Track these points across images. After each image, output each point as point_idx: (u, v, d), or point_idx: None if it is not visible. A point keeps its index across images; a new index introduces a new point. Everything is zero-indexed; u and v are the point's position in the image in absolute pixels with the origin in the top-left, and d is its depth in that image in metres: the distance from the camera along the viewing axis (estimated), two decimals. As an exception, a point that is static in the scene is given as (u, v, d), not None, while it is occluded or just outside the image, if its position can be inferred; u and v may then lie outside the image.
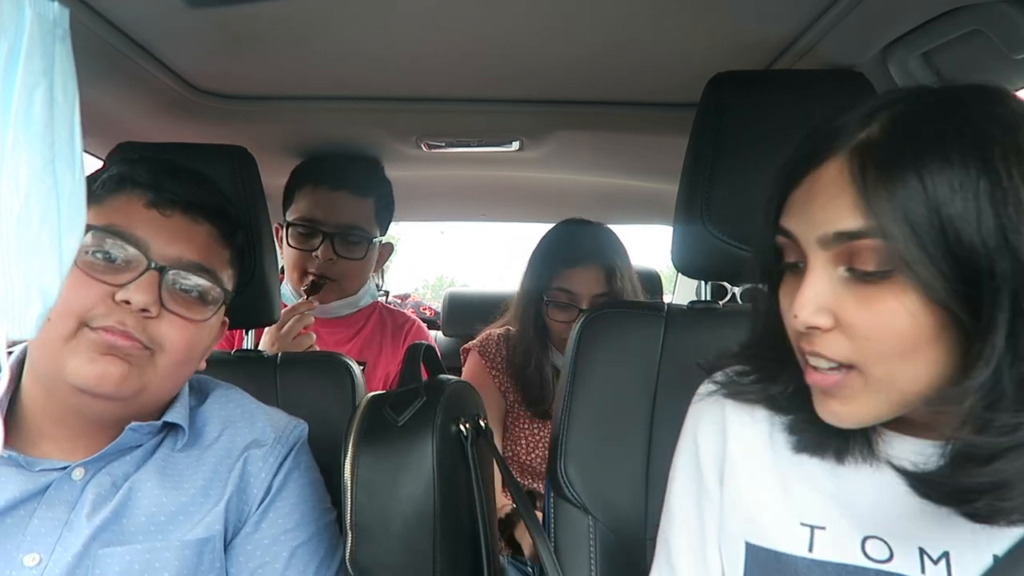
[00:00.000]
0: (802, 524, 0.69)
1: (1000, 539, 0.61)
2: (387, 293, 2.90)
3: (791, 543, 0.68)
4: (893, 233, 0.54)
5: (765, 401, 0.73)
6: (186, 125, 1.34)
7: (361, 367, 1.58)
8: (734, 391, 0.75)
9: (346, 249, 1.55)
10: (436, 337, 2.57)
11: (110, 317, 0.77)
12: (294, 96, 1.35)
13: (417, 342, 1.04)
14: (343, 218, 1.54)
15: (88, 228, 0.79)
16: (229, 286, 0.89)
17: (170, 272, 0.81)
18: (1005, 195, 0.53)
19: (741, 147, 0.93)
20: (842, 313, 0.59)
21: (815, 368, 0.62)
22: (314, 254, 1.53)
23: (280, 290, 1.18)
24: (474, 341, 1.76)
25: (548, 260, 1.63)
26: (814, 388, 0.64)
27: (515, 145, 1.59)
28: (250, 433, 0.89)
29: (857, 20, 0.93)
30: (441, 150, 1.62)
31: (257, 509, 0.85)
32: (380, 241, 1.65)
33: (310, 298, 1.49)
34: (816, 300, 0.59)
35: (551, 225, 1.71)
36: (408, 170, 1.73)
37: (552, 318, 1.60)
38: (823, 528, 0.68)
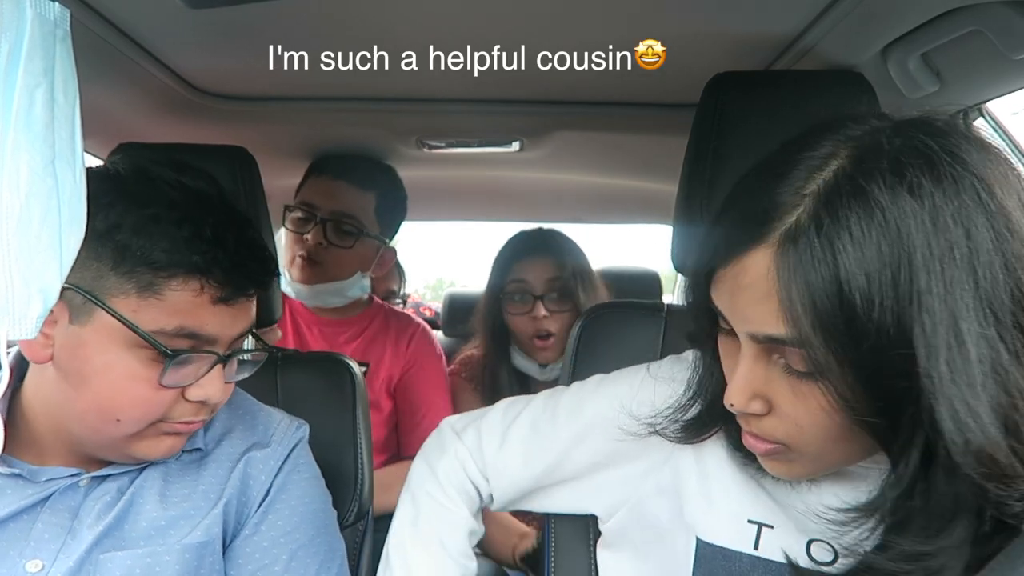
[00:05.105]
0: (749, 521, 0.70)
1: None
2: (405, 298, 2.88)
3: (737, 539, 0.70)
4: (815, 344, 0.51)
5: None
6: (186, 125, 1.34)
7: (364, 368, 1.59)
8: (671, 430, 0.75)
9: (336, 236, 1.55)
10: (437, 337, 2.57)
11: (186, 414, 0.79)
12: (294, 97, 1.35)
13: None
14: (338, 206, 1.55)
15: (157, 336, 0.74)
16: None
17: (233, 357, 0.83)
18: (931, 313, 0.48)
19: (741, 148, 0.93)
20: (777, 400, 0.58)
21: (752, 435, 0.62)
22: (305, 236, 1.54)
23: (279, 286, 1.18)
24: (454, 366, 1.75)
25: (500, 263, 1.65)
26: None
27: (515, 145, 1.59)
28: (251, 436, 0.89)
29: (857, 20, 0.92)
30: (441, 150, 1.62)
31: (257, 511, 0.84)
32: (384, 242, 1.64)
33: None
34: (750, 387, 0.58)
35: (550, 225, 1.70)
36: (408, 170, 1.72)
37: (510, 312, 1.60)
38: (771, 527, 0.69)
